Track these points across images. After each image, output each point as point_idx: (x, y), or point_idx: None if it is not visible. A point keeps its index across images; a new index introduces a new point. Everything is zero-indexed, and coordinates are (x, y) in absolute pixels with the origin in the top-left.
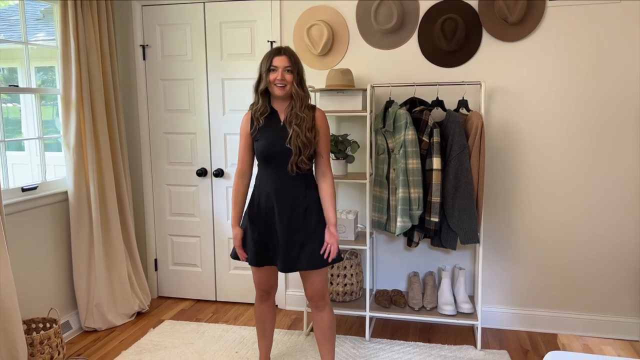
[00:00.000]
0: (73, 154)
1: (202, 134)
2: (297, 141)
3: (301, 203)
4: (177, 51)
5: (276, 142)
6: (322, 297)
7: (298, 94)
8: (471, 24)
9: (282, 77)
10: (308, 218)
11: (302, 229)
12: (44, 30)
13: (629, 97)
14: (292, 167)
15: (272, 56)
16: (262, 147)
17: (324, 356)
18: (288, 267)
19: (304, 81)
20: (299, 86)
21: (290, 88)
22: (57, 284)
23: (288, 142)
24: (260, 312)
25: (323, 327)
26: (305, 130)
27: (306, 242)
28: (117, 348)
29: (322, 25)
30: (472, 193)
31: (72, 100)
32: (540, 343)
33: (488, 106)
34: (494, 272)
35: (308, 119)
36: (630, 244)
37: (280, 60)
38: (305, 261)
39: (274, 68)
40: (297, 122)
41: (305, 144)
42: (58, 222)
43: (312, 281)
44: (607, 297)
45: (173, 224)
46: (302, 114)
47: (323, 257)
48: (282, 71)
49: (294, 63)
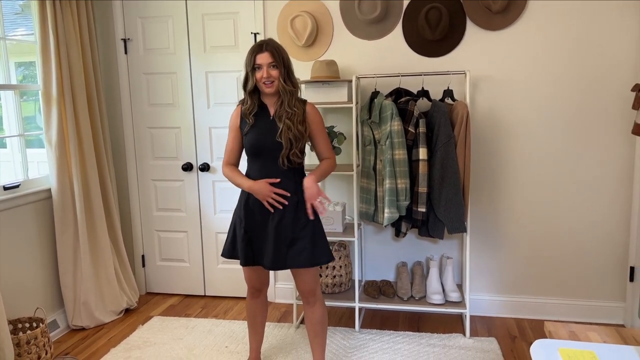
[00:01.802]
0: (55, 151)
1: (187, 128)
2: (288, 134)
3: (291, 198)
4: (159, 44)
5: (265, 136)
6: (313, 293)
7: (286, 89)
8: (455, 13)
9: (268, 74)
10: (298, 214)
11: (292, 226)
12: (24, 25)
13: (613, 83)
14: (283, 161)
15: (255, 54)
16: (250, 141)
17: (314, 350)
18: (276, 265)
19: (292, 73)
20: (286, 80)
21: (278, 84)
22: (43, 283)
23: (279, 136)
24: (251, 308)
25: (314, 321)
26: (296, 124)
27: (296, 239)
28: (106, 346)
29: (305, 16)
30: (459, 183)
31: (53, 96)
32: (527, 329)
33: (473, 95)
34: (482, 260)
35: (299, 112)
36: (614, 230)
37: (263, 58)
38: (294, 258)
39: (258, 66)
40: (288, 116)
41: (297, 137)
42: (42, 220)
43: (302, 278)
44: (592, 283)
45: (159, 220)
46: (292, 109)
47: (313, 255)
48: (267, 68)
49: (278, 57)
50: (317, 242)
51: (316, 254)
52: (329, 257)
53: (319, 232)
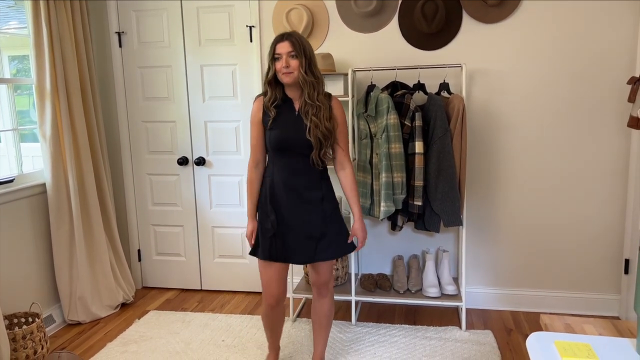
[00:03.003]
0: (50, 145)
1: (182, 122)
2: (316, 132)
3: (317, 194)
4: (154, 37)
5: (291, 132)
6: (327, 285)
7: (306, 80)
8: (451, 6)
9: (287, 63)
10: (325, 208)
11: (320, 220)
12: (16, 18)
13: (609, 76)
14: (317, 162)
15: (275, 44)
16: (276, 137)
17: (317, 342)
18: (307, 259)
19: (314, 65)
20: (307, 71)
21: (298, 75)
22: (39, 278)
23: (308, 134)
24: (270, 320)
25: (322, 313)
26: (324, 120)
27: (324, 232)
28: (102, 340)
29: (301, 9)
30: (455, 176)
31: (47, 90)
32: (523, 322)
33: (469, 89)
34: (477, 253)
35: (324, 107)
36: (609, 223)
37: (282, 47)
38: (324, 251)
39: (277, 56)
40: (314, 112)
41: (326, 135)
42: (37, 215)
43: (321, 270)
44: (587, 276)
45: (155, 214)
46: (317, 102)
47: (340, 246)
48: (287, 57)
49: (298, 47)
50: (341, 233)
51: (342, 245)
52: (353, 246)
53: (342, 223)
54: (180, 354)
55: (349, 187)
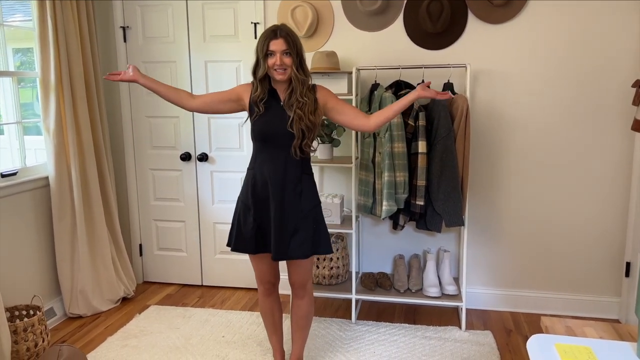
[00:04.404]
0: (53, 139)
1: (186, 118)
2: (300, 124)
3: (295, 187)
4: (158, 33)
5: (275, 124)
6: (304, 286)
7: (298, 78)
8: (457, 5)
9: (281, 61)
10: (302, 204)
11: (295, 215)
12: (21, 11)
13: (614, 79)
14: (296, 151)
15: (269, 40)
16: (259, 128)
17: (294, 342)
18: (279, 255)
19: (304, 61)
20: (299, 69)
21: (291, 72)
22: (40, 271)
23: (290, 126)
24: (267, 306)
25: (300, 314)
26: (307, 114)
27: (297, 229)
28: (103, 334)
29: (306, 6)
30: (458, 176)
31: (51, 83)
32: (523, 323)
33: (473, 89)
34: (479, 254)
35: (310, 102)
36: (611, 226)
37: (277, 44)
38: (295, 249)
39: (271, 53)
40: (299, 106)
41: (310, 127)
42: (39, 208)
43: (296, 270)
44: (588, 278)
45: (157, 209)
46: (303, 98)
47: (312, 246)
48: (281, 55)
49: (292, 45)
50: (318, 232)
51: (315, 245)
52: (327, 249)
53: (320, 223)
54: (180, 349)
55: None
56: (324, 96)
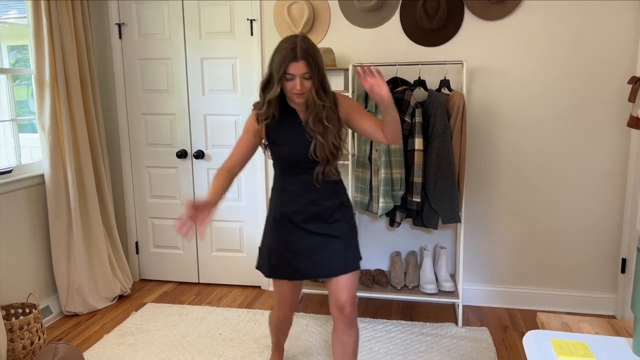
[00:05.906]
0: (48, 136)
1: (182, 115)
2: (323, 152)
3: (332, 202)
4: (154, 29)
5: (301, 149)
6: (354, 304)
7: (315, 104)
8: (453, 2)
9: (301, 86)
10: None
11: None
12: (16, 8)
13: (610, 75)
14: (318, 177)
15: (287, 62)
16: (285, 154)
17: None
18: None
19: (326, 82)
20: (319, 92)
21: (309, 95)
22: (36, 269)
23: (313, 153)
24: (280, 328)
25: (349, 351)
26: (330, 140)
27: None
28: (99, 332)
29: (302, 3)
30: (454, 173)
31: (46, 80)
32: (519, 319)
33: (470, 86)
34: (475, 250)
35: (334, 127)
36: (607, 222)
37: (297, 68)
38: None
39: (290, 77)
40: (319, 131)
41: (334, 153)
42: (35, 206)
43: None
44: (584, 274)
45: (153, 207)
46: (325, 122)
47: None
48: (300, 80)
49: (314, 67)
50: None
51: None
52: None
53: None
54: (177, 346)
55: None
56: (346, 108)
